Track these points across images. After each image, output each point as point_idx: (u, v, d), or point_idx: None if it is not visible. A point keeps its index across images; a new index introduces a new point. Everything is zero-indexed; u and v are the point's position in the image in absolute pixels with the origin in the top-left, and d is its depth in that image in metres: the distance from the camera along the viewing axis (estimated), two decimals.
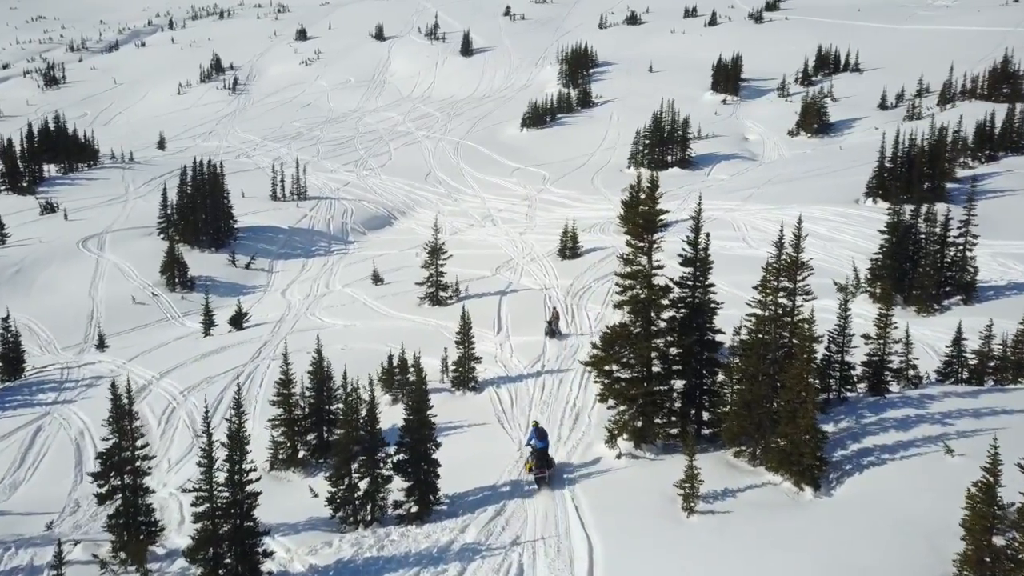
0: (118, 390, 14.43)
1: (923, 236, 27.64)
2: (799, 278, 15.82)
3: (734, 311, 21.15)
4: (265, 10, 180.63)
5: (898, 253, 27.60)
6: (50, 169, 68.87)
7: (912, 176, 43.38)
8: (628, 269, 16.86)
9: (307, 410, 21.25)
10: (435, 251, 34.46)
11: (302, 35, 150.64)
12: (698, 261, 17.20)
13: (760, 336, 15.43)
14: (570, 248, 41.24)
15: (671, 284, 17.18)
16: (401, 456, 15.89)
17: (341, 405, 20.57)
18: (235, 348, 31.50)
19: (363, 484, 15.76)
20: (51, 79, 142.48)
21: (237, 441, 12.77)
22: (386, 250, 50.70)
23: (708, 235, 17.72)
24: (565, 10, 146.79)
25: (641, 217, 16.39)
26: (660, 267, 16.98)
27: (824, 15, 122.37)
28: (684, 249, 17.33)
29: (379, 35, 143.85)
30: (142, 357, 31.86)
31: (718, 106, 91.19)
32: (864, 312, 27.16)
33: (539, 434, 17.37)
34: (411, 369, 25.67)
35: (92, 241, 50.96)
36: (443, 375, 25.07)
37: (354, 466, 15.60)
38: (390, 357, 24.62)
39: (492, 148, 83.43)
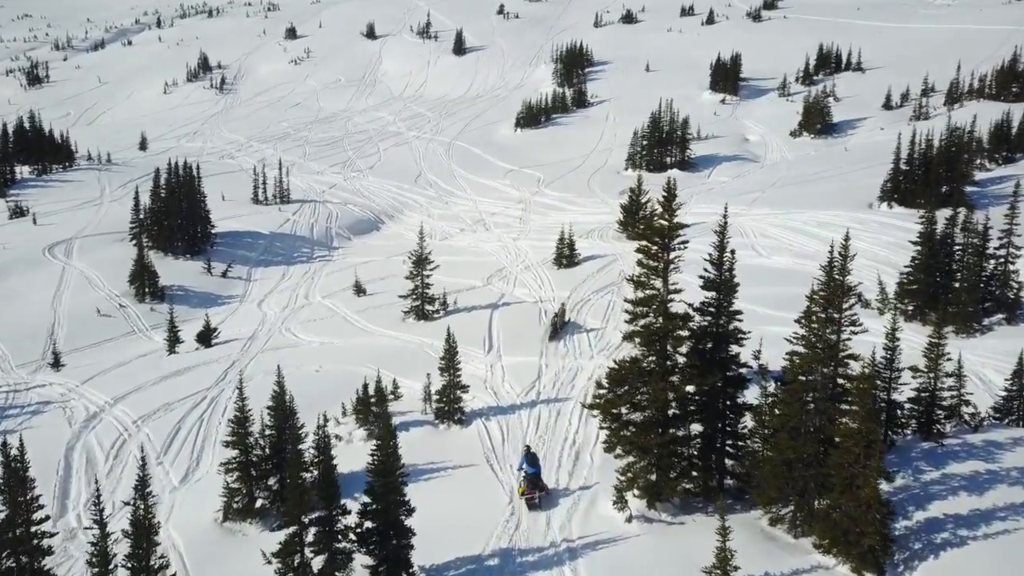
0: (10, 451, 11.61)
1: (960, 247, 24.94)
2: (845, 306, 13.12)
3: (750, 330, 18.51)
4: (255, 8, 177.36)
5: (932, 266, 24.93)
6: (23, 171, 65.82)
7: (929, 179, 40.81)
8: (640, 294, 14.14)
9: (267, 450, 18.45)
10: (420, 261, 31.68)
11: (292, 34, 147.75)
12: (722, 284, 14.47)
13: (804, 379, 12.70)
14: (567, 256, 38.53)
15: (691, 311, 14.45)
16: (366, 525, 13.13)
17: (305, 446, 17.84)
18: (200, 368, 28.63)
19: (318, 561, 13.00)
20: (34, 78, 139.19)
21: (143, 531, 10.01)
22: (372, 256, 47.89)
23: (733, 253, 15.02)
24: (559, 8, 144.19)
25: (655, 232, 13.66)
26: (678, 291, 14.27)
27: (823, 13, 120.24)
28: (706, 270, 14.63)
29: (370, 34, 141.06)
30: (98, 378, 28.99)
31: (717, 106, 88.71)
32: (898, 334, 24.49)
33: (530, 459, 17.07)
34: (390, 396, 23.00)
35: (60, 247, 48.01)
36: (425, 404, 22.29)
37: (307, 538, 12.83)
38: (365, 386, 21.79)
39: (485, 149, 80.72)
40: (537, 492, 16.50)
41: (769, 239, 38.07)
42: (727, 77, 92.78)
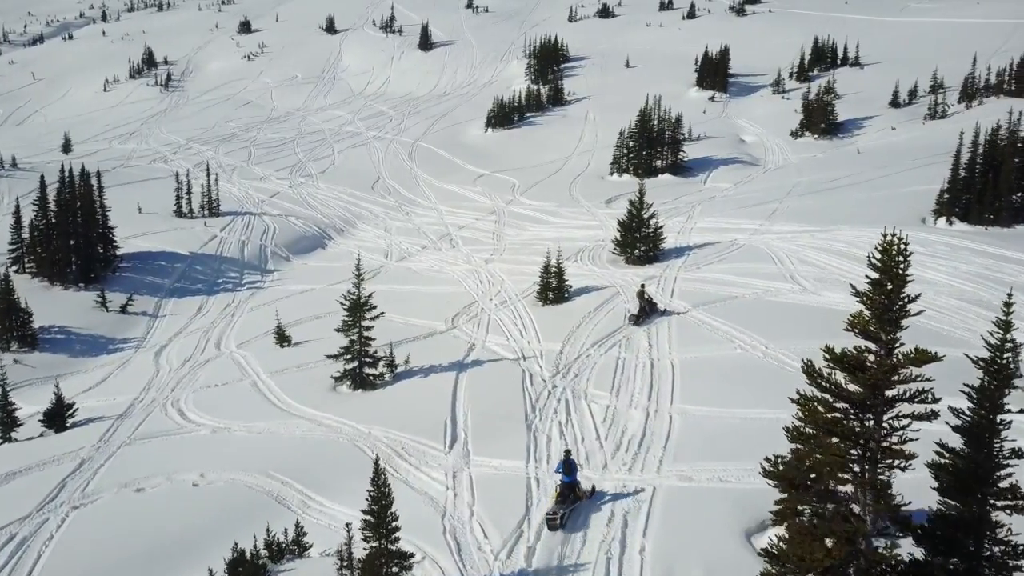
0: None
1: None
2: None
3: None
4: (207, 1, 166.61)
5: None
6: None
7: (999, 189, 33.08)
8: (811, 473, 5.68)
9: None
10: (357, 306, 22.93)
11: (246, 28, 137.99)
12: (985, 472, 6.05)
13: None
14: (553, 289, 30.04)
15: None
16: None
17: None
18: (30, 476, 19.60)
19: None
20: None
21: None
22: (311, 283, 39.09)
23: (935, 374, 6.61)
24: (532, 2, 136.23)
25: (848, 367, 5.21)
26: (895, 506, 5.83)
27: (810, 7, 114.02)
28: (943, 447, 6.20)
29: (330, 28, 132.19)
30: None
31: (706, 103, 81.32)
32: None
33: (567, 467, 15.43)
34: (290, 552, 14.34)
35: None
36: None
37: None
38: (239, 553, 12.91)
39: (452, 151, 72.24)
40: (563, 508, 14.72)
41: (811, 266, 29.90)
42: (716, 73, 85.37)
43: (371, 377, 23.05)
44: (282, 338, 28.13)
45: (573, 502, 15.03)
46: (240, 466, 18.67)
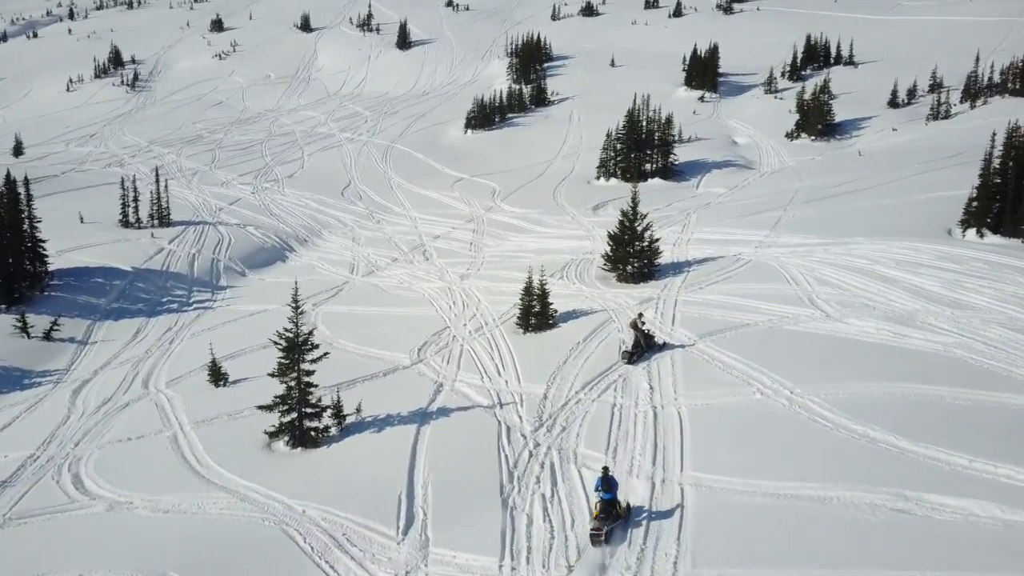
0: None
1: None
2: None
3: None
4: None
5: None
6: None
7: None
8: None
9: None
10: (295, 346, 18.76)
11: (218, 26, 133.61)
12: None
13: None
14: (536, 313, 26.06)
15: None
16: None
17: None
18: None
19: None
20: None
21: None
22: (266, 302, 34.80)
23: None
24: (514, 0, 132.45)
25: None
26: None
27: (799, 5, 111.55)
28: None
29: (305, 26, 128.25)
30: None
31: (695, 104, 77.95)
32: None
33: (606, 484, 14.58)
34: None
35: None
36: None
37: None
38: None
39: (430, 153, 68.31)
40: (607, 525, 14.05)
41: (831, 287, 26.01)
42: (705, 72, 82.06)
43: (313, 432, 18.89)
44: (217, 376, 23.87)
45: (615, 519, 14.53)
46: (133, 562, 14.48)
